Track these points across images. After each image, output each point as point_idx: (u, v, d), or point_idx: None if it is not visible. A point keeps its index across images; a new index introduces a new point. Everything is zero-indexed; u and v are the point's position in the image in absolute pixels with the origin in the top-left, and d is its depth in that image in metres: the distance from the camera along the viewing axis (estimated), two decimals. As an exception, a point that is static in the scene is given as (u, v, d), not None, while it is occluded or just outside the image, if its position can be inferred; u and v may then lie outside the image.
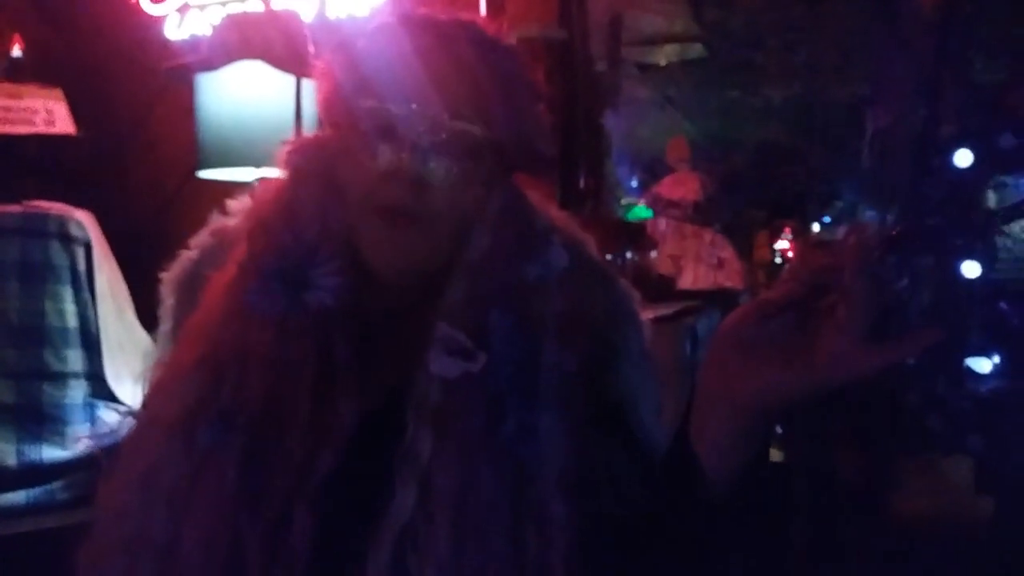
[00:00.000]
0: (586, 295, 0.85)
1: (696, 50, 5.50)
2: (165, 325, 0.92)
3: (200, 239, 0.93)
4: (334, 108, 0.86)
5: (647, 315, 0.95)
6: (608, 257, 2.31)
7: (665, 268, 2.97)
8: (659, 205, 3.72)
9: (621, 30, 3.50)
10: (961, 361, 1.88)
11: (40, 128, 2.35)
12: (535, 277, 0.82)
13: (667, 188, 3.85)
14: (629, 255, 2.13)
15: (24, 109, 2.35)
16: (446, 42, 0.83)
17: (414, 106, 0.80)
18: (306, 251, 0.81)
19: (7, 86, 2.36)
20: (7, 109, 2.33)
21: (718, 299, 2.76)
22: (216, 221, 0.93)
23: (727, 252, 3.70)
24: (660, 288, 2.35)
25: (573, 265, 0.85)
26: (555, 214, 0.91)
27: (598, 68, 2.89)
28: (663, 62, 5.71)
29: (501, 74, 0.83)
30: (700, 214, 3.78)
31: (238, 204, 0.92)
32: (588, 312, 0.85)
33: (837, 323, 0.61)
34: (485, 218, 0.83)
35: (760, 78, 5.51)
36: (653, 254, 2.60)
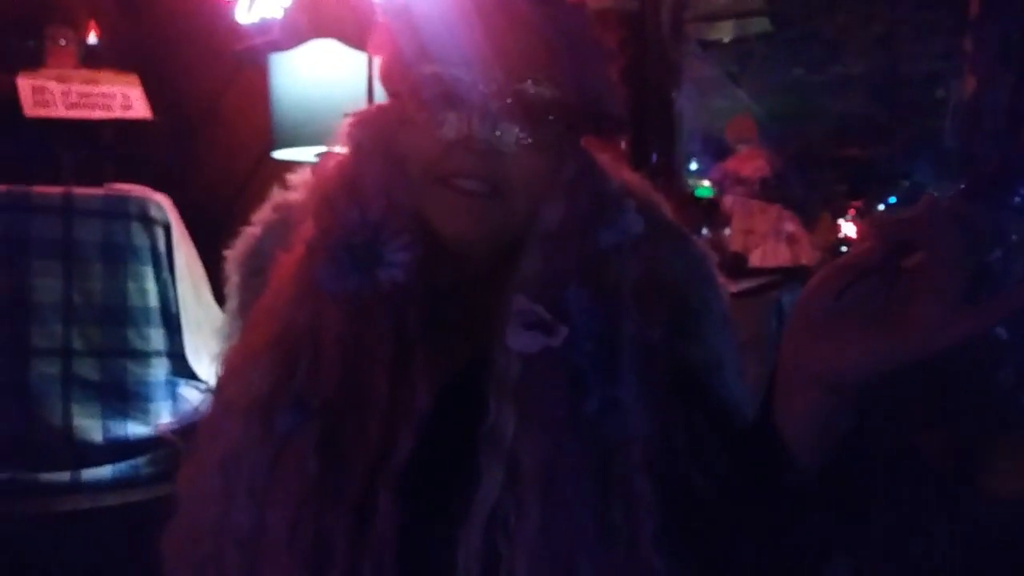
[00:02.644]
0: (663, 260, 0.82)
1: (761, 24, 5.38)
2: (232, 303, 0.91)
3: (262, 215, 0.91)
4: (395, 77, 0.83)
5: (731, 288, 0.92)
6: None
7: (737, 245, 2.92)
8: (727, 181, 3.66)
9: (685, 5, 3.43)
10: (1058, 337, 1.80)
11: (117, 113, 2.40)
12: (611, 245, 0.79)
13: (735, 164, 3.79)
14: (704, 232, 2.09)
15: (101, 95, 2.40)
16: (507, 1, 0.79)
17: (478, 70, 0.76)
18: (374, 227, 0.79)
19: (84, 72, 2.42)
20: (85, 95, 2.39)
21: (797, 275, 2.70)
22: (278, 196, 0.91)
23: (795, 227, 3.63)
24: (734, 265, 2.30)
25: (648, 229, 0.82)
26: (628, 176, 0.88)
27: (665, 41, 2.84)
28: (726, 39, 5.60)
29: (567, 32, 0.79)
30: (767, 191, 3.71)
31: (300, 178, 0.90)
32: (666, 277, 0.81)
33: (929, 285, 0.56)
34: (558, 186, 0.80)
35: (829, 52, 5.36)
36: (726, 231, 2.55)
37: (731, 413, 0.82)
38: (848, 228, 8.01)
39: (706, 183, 4.05)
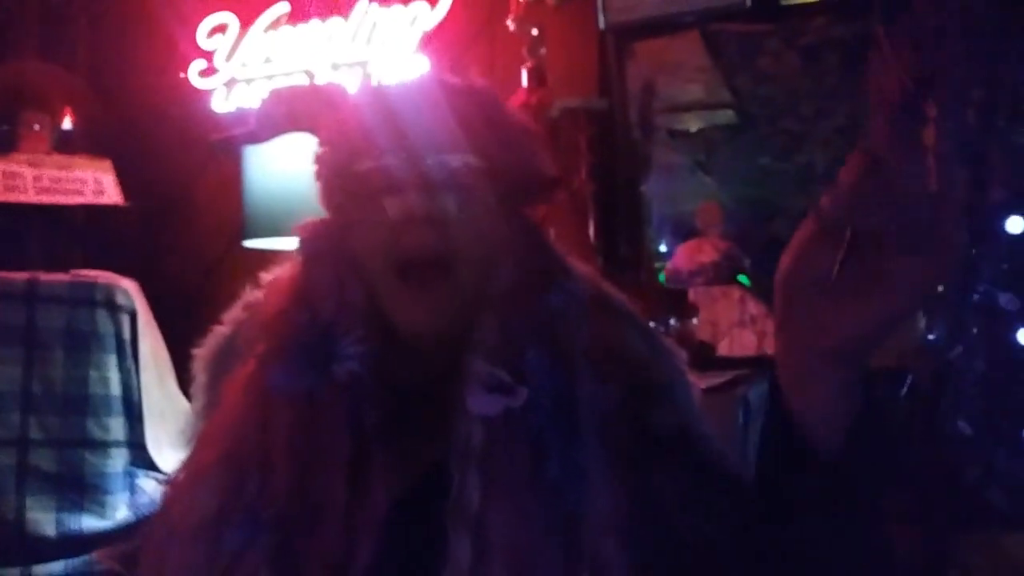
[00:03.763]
0: (623, 336, 0.82)
1: (727, 116, 5.55)
2: (197, 403, 0.89)
3: (232, 313, 0.90)
4: (333, 193, 0.85)
5: (699, 385, 0.91)
6: (652, 324, 2.29)
7: (705, 335, 2.94)
8: (680, 277, 3.70)
9: (654, 98, 3.53)
10: (1022, 432, 1.81)
11: (89, 198, 2.40)
12: (560, 307, 0.79)
13: (682, 260, 3.83)
14: (672, 322, 2.11)
15: (74, 180, 2.41)
16: (423, 92, 0.84)
17: (408, 152, 0.79)
18: (325, 326, 0.79)
19: (58, 158, 2.43)
20: (57, 180, 2.40)
21: (763, 366, 2.71)
22: (249, 294, 0.90)
23: (757, 309, 3.66)
24: (702, 355, 2.31)
25: (602, 308, 0.82)
26: (578, 264, 0.88)
27: (634, 136, 2.91)
28: (693, 128, 5.76)
29: (484, 110, 0.84)
30: (721, 273, 3.75)
31: (271, 276, 0.90)
32: (626, 351, 0.81)
33: (890, 242, 0.58)
34: (505, 248, 0.81)
35: (794, 144, 5.52)
36: (695, 321, 2.57)
37: (720, 462, 0.80)
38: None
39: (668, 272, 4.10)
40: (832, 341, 0.62)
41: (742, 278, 4.03)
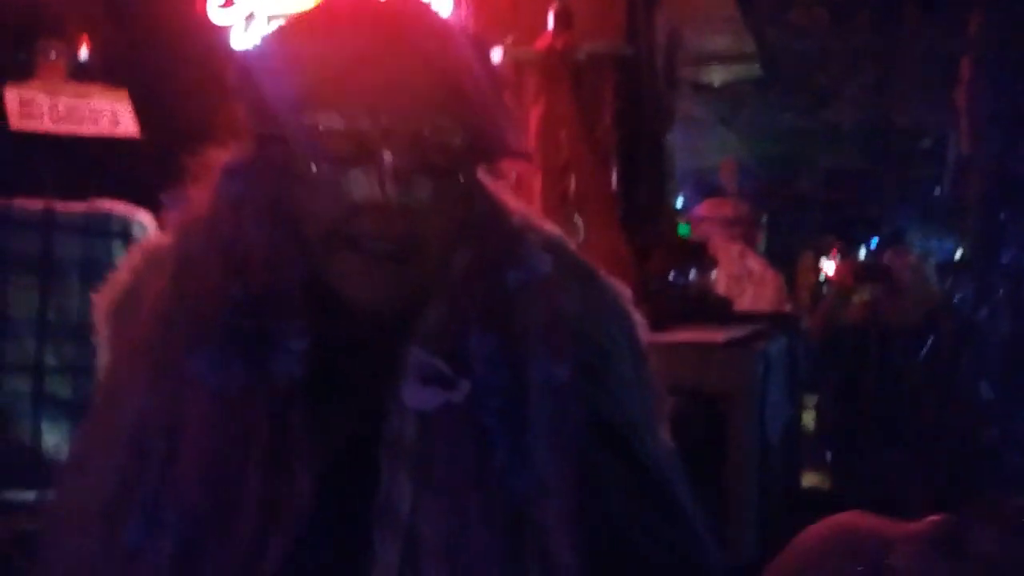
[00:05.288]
0: (570, 297, 0.75)
1: (753, 70, 5.45)
2: (103, 357, 0.79)
3: (132, 261, 0.79)
4: (273, 121, 0.70)
5: (717, 338, 0.89)
6: (671, 277, 2.27)
7: (722, 289, 2.92)
8: (702, 225, 3.69)
9: (680, 48, 3.46)
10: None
11: (105, 129, 2.37)
12: (518, 285, 0.72)
13: (707, 209, 3.83)
14: (692, 275, 2.09)
15: (90, 109, 2.38)
16: (401, 36, 0.70)
17: (384, 119, 0.67)
18: (262, 306, 0.68)
19: (74, 86, 2.39)
20: (74, 108, 2.36)
21: (784, 323, 2.69)
22: (147, 241, 0.81)
23: (757, 264, 3.65)
24: (718, 309, 2.29)
25: (555, 267, 0.75)
26: (528, 211, 0.81)
27: (659, 86, 2.86)
28: (718, 82, 5.66)
29: (463, 63, 0.71)
30: (733, 229, 3.73)
31: (174, 215, 0.78)
32: (573, 316, 0.74)
33: None
34: (467, 231, 0.73)
35: (821, 101, 5.42)
36: (714, 274, 2.55)
37: (653, 473, 0.74)
38: (828, 267, 8.04)
39: (688, 222, 4.08)
40: None
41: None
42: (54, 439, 1.84)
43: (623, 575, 0.69)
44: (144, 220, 2.01)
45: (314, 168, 0.68)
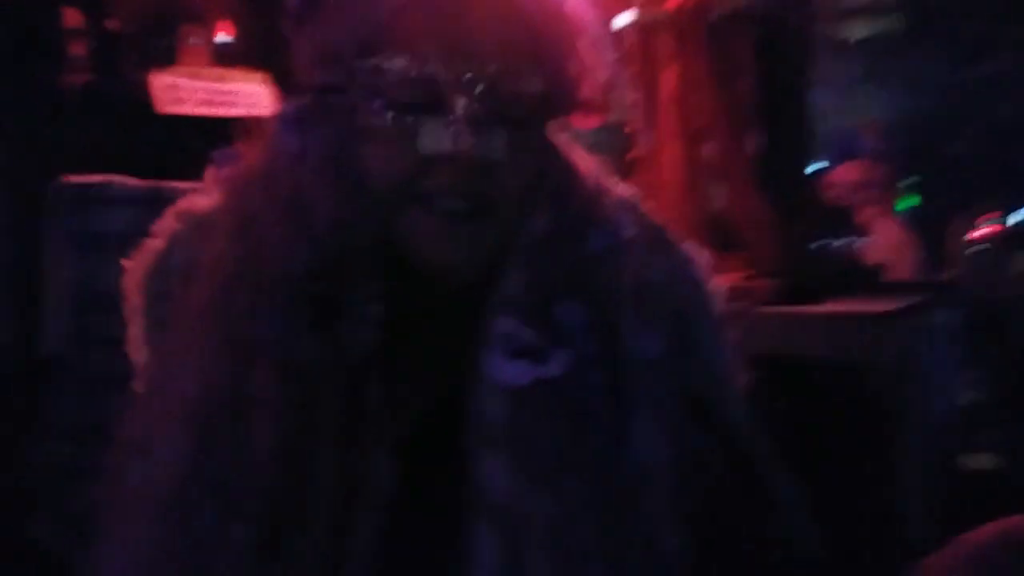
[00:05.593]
0: (654, 262, 0.70)
1: (896, 22, 5.13)
2: (134, 328, 0.74)
3: (165, 225, 0.74)
4: (334, 67, 0.65)
5: (877, 308, 0.81)
6: (816, 243, 2.15)
7: (874, 257, 2.77)
8: (838, 192, 3.52)
9: (817, 4, 3.28)
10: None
11: (244, 111, 2.45)
12: (602, 248, 0.68)
13: (839, 174, 3.66)
14: (837, 241, 1.97)
15: (230, 92, 2.46)
16: None
17: (458, 64, 0.61)
18: (333, 267, 0.63)
19: (215, 70, 2.48)
20: (215, 92, 2.45)
21: (948, 294, 2.53)
22: (181, 203, 0.75)
23: (891, 229, 3.45)
24: (867, 279, 2.16)
25: (642, 232, 0.71)
26: (592, 166, 0.74)
27: (798, 43, 2.71)
28: (858, 37, 5.36)
29: (545, 4, 0.65)
30: (865, 193, 3.55)
31: (209, 179, 0.73)
32: (657, 283, 0.69)
33: None
34: (545, 190, 0.68)
35: (977, 50, 5.04)
36: (861, 241, 2.40)
37: (738, 437, 0.70)
38: (982, 233, 7.52)
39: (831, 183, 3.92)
40: None
41: (912, 199, 3.77)
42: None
43: (719, 560, 0.64)
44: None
45: (381, 118, 0.63)
